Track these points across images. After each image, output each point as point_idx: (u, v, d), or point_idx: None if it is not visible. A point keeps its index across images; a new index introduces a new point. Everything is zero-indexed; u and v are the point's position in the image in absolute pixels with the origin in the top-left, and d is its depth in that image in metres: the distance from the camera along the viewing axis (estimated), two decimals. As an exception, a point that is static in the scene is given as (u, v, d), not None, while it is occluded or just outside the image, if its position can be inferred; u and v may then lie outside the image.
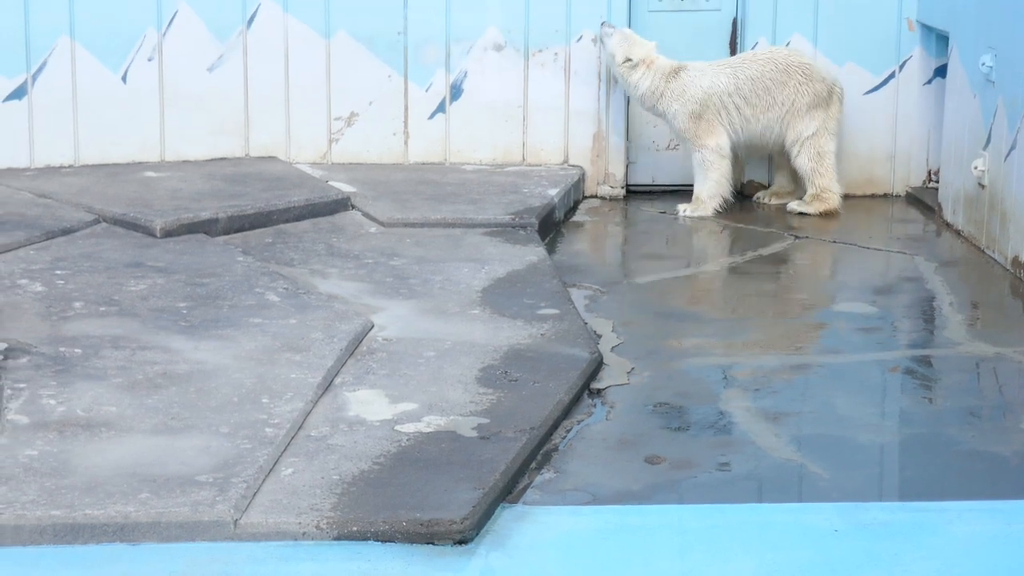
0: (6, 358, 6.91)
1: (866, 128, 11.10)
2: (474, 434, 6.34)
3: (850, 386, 7.33)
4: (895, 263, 9.47)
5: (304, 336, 7.34)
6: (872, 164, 11.16)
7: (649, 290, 8.89)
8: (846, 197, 11.02)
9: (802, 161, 10.60)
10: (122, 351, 7.08)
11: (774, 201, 10.90)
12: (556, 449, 6.46)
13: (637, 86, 10.57)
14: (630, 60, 10.54)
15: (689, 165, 10.64)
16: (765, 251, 9.75)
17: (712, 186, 10.54)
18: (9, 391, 6.54)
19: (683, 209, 10.56)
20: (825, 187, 10.60)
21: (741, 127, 10.57)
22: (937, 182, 10.81)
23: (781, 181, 10.97)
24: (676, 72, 10.55)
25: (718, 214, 10.53)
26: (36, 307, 7.67)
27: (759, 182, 11.13)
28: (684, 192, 10.81)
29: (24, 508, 5.49)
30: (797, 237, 10.02)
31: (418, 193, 10.17)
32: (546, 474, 6.20)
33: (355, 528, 5.53)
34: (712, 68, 10.62)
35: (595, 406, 6.97)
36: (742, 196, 11.04)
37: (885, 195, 11.17)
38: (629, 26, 10.89)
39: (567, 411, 6.79)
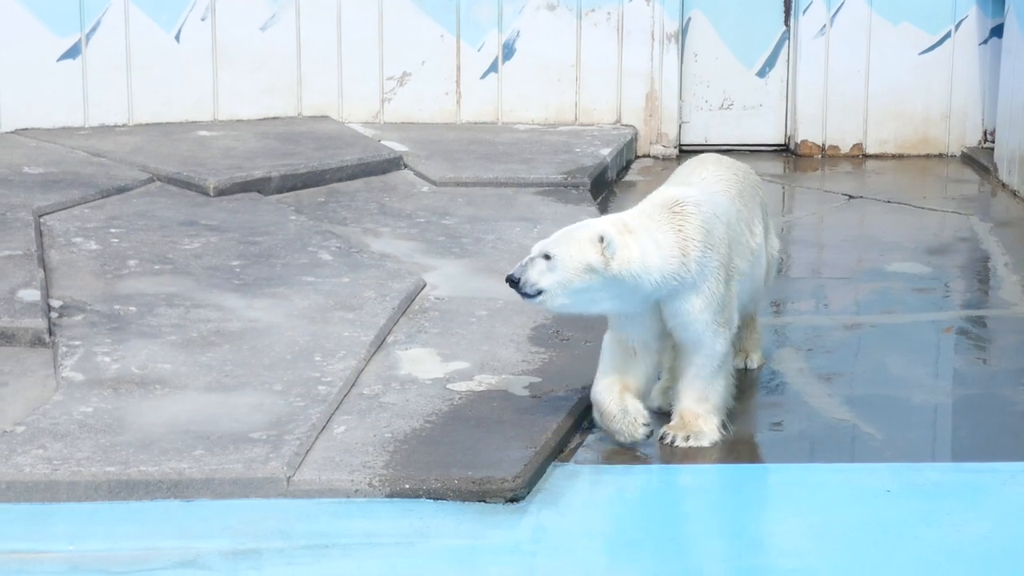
0: (61, 316, 6.95)
1: (921, 88, 11.01)
2: (526, 393, 6.35)
3: (904, 346, 7.29)
4: (950, 223, 9.41)
5: (357, 295, 7.35)
6: (927, 124, 11.07)
7: (701, 250, 8.85)
8: (901, 157, 10.96)
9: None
10: (176, 309, 7.11)
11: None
12: (608, 408, 6.45)
13: (647, 267, 5.89)
14: (601, 238, 5.84)
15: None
16: (818, 211, 9.71)
17: (724, 391, 6.25)
18: (64, 348, 6.59)
19: (672, 436, 6.10)
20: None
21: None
22: (992, 142, 10.73)
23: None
24: (673, 208, 6.09)
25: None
26: (91, 265, 7.70)
27: (813, 141, 11.06)
28: (736, 153, 10.30)
29: (79, 464, 5.53)
30: (851, 197, 9.96)
31: (470, 152, 10.16)
32: (597, 433, 6.19)
33: (407, 486, 5.54)
34: (709, 191, 6.36)
35: (647, 365, 6.94)
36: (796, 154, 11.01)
37: (940, 155, 11.08)
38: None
39: (619, 370, 6.77)
